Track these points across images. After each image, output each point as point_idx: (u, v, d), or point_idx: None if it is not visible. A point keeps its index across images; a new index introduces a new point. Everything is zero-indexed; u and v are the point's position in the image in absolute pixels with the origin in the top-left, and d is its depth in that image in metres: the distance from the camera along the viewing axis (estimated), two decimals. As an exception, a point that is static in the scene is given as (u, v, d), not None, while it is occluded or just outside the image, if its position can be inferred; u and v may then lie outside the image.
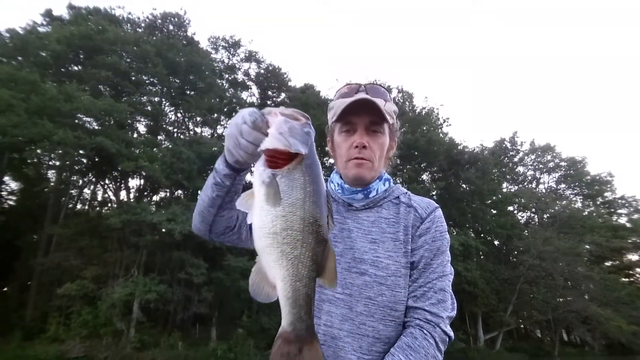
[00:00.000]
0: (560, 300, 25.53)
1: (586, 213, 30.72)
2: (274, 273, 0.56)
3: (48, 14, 22.26)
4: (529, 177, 36.19)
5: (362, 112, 0.95)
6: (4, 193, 20.64)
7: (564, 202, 31.69)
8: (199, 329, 19.97)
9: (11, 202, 21.58)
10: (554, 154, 34.66)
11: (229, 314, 20.43)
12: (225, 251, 19.09)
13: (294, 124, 0.57)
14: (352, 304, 0.89)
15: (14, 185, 21.55)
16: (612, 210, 32.78)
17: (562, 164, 34.49)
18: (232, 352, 17.35)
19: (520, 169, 36.25)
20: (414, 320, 0.89)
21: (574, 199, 34.32)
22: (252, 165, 0.70)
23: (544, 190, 34.71)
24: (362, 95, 0.95)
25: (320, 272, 0.57)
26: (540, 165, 35.39)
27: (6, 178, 20.33)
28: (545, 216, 30.75)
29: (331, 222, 0.62)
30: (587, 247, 26.84)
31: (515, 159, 36.01)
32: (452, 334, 0.89)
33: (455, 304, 0.97)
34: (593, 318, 23.32)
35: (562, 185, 35.08)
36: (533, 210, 32.06)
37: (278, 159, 0.56)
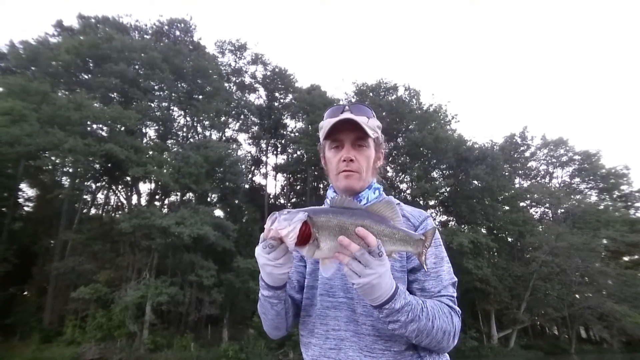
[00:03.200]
0: (577, 296, 24.94)
1: (601, 207, 29.92)
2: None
3: (59, 24, 22.84)
4: (542, 172, 35.55)
5: (348, 130, 1.04)
6: (20, 200, 21.20)
7: (578, 196, 30.92)
8: (210, 330, 20.18)
9: (28, 209, 22.18)
10: (567, 148, 33.92)
11: (240, 315, 20.59)
12: (234, 253, 19.24)
13: (285, 218, 0.78)
14: (354, 306, 0.97)
15: (30, 192, 22.16)
16: (629, 204, 31.88)
17: (576, 157, 33.74)
18: (243, 352, 17.50)
19: (533, 163, 35.63)
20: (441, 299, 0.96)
21: (589, 193, 33.52)
22: (288, 275, 0.91)
23: (557, 185, 33.99)
24: (347, 114, 1.04)
25: None
26: (553, 160, 34.69)
27: (23, 185, 20.90)
28: (559, 211, 30.08)
29: None
30: (605, 241, 26.13)
31: (527, 154, 35.37)
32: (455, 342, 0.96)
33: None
34: (609, 314, 22.75)
35: (577, 179, 34.32)
36: (546, 205, 31.42)
37: (301, 239, 0.78)
